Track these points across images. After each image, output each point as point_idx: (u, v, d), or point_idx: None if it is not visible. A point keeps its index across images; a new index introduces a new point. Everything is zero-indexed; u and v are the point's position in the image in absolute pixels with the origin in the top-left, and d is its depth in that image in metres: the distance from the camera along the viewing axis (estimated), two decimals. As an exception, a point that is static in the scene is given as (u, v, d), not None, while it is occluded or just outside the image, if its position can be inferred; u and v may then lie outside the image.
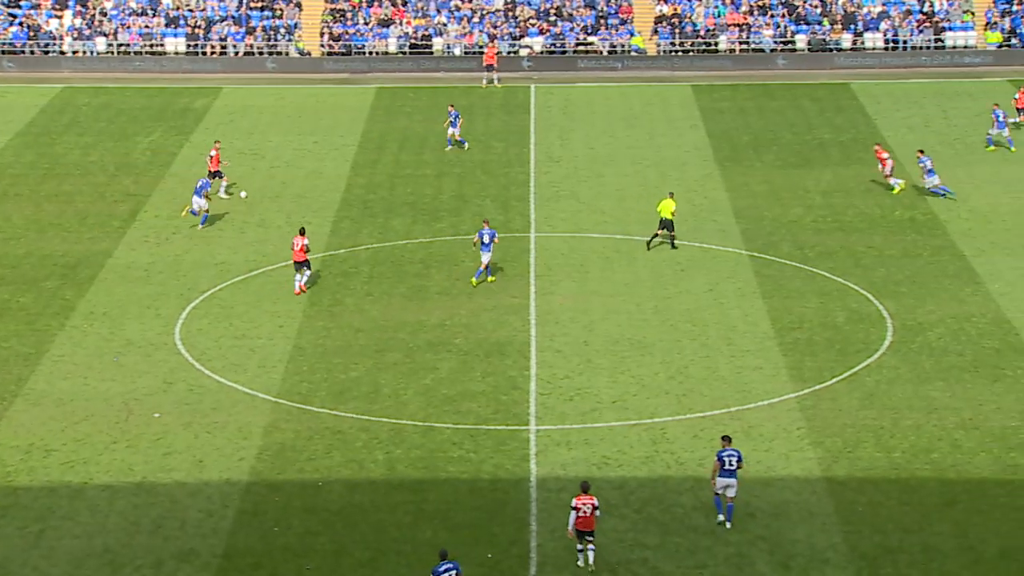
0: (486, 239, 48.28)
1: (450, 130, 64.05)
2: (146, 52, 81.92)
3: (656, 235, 51.48)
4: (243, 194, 56.46)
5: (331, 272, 50.21)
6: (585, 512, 32.08)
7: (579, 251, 51.85)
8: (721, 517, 34.16)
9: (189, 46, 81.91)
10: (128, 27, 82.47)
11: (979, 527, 33.86)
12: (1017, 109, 68.79)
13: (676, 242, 51.36)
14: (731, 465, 33.92)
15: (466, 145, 63.81)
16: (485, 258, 48.36)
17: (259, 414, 39.86)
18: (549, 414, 39.61)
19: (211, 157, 57.69)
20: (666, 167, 61.63)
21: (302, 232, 48.27)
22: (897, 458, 37.06)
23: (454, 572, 29.62)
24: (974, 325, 44.81)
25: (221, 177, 57.50)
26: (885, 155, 57.60)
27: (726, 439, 34.56)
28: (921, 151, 57.52)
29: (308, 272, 48.13)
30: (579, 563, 32.31)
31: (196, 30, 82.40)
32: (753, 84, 75.98)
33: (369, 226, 54.79)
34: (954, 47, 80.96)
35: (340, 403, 40.42)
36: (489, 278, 48.65)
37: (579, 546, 32.44)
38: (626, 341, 44.21)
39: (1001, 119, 62.75)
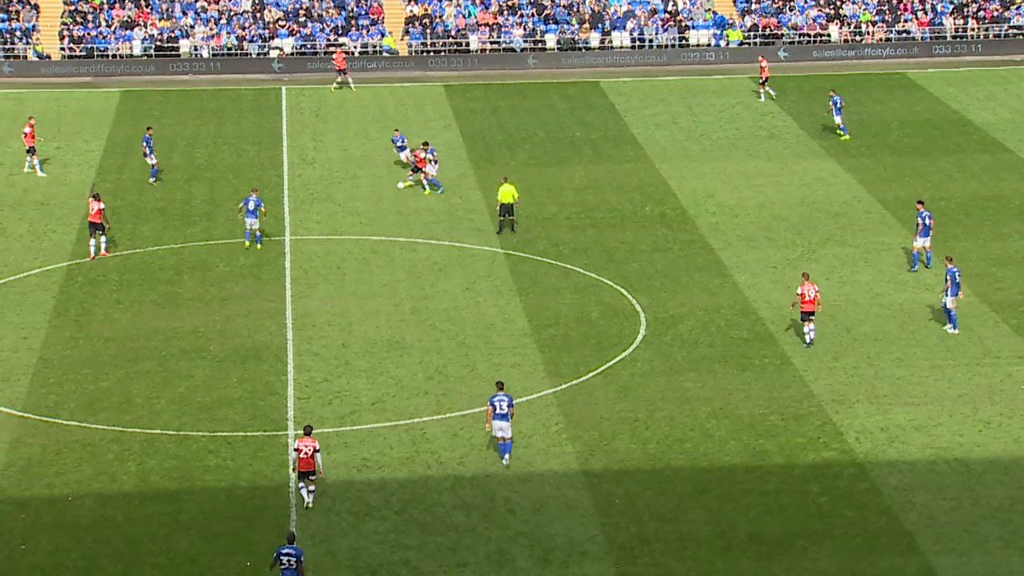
0: (251, 206, 51.02)
1: (402, 154, 59.96)
2: None
3: (501, 220, 53.20)
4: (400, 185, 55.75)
5: (78, 281, 49.00)
6: (307, 453, 34.47)
7: (335, 253, 51.68)
8: (506, 460, 36.75)
9: (-80, 50, 78.99)
10: None
11: (730, 513, 34.88)
12: (760, 80, 71.49)
13: (515, 226, 53.30)
14: (502, 409, 36.53)
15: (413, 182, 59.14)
16: (251, 223, 51.22)
17: (3, 429, 38.66)
18: (307, 418, 39.34)
19: (26, 133, 59.28)
20: (420, 167, 61.80)
21: (97, 197, 50.86)
22: (652, 449, 37.91)
23: (294, 558, 30.27)
24: (723, 316, 46.11)
25: (34, 153, 59.23)
26: (423, 155, 57.76)
27: (499, 385, 37.25)
28: (425, 143, 58.67)
29: (104, 237, 50.31)
30: (306, 504, 34.75)
31: (-72, 32, 79.47)
32: (505, 84, 76.80)
33: (118, 232, 53.59)
34: (698, 45, 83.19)
35: (90, 415, 39.49)
36: (257, 245, 51.25)
37: (301, 485, 34.76)
38: (384, 342, 44.24)
39: (839, 105, 65.02)
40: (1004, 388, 41.00)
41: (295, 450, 34.68)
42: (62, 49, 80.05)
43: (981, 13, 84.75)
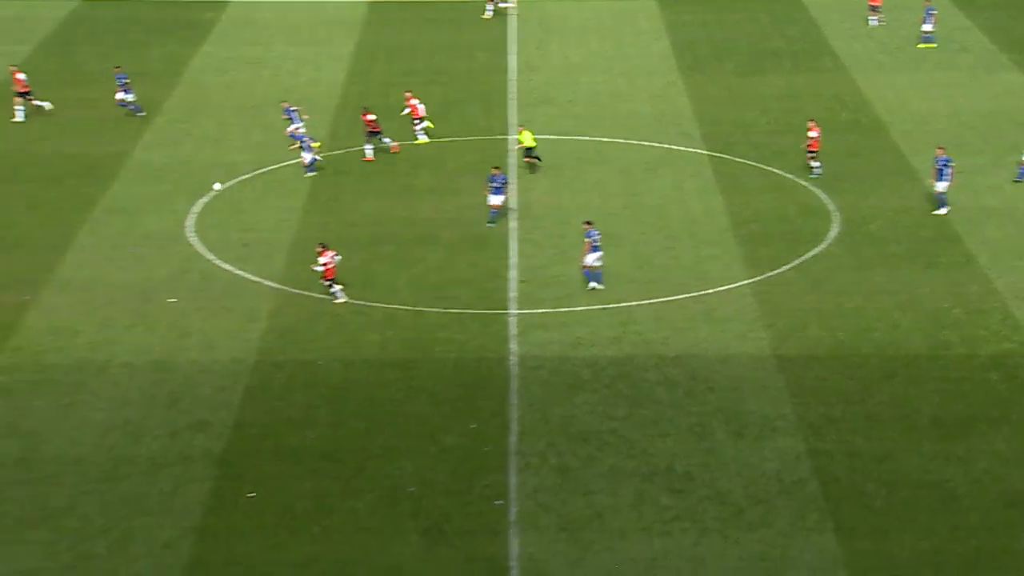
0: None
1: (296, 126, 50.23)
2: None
3: (528, 161, 49.01)
4: (216, 186, 47.51)
5: (329, 171, 49.75)
6: (334, 264, 38.49)
7: (555, 152, 51.42)
8: (593, 285, 39.27)
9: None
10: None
11: (914, 397, 34.00)
12: (871, 6, 68.27)
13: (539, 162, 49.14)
14: (597, 242, 39.41)
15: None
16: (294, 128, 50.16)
17: (264, 300, 39.65)
18: (527, 300, 39.48)
19: (22, 79, 54.53)
20: (634, 75, 61.00)
21: (367, 110, 50.85)
22: (841, 337, 37.08)
23: (503, 182, 35.00)
24: (912, 217, 44.68)
25: (29, 98, 54.29)
26: (415, 101, 52.80)
27: (589, 223, 39.76)
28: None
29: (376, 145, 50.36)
30: (344, 301, 38.52)
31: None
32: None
33: (360, 131, 54.12)
34: (896, -36, 79.75)
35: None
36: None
37: (334, 289, 38.63)
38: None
39: (930, 14, 63.39)
40: None
41: (323, 265, 38.11)
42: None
43: None
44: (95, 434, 32.77)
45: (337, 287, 38.96)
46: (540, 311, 38.82)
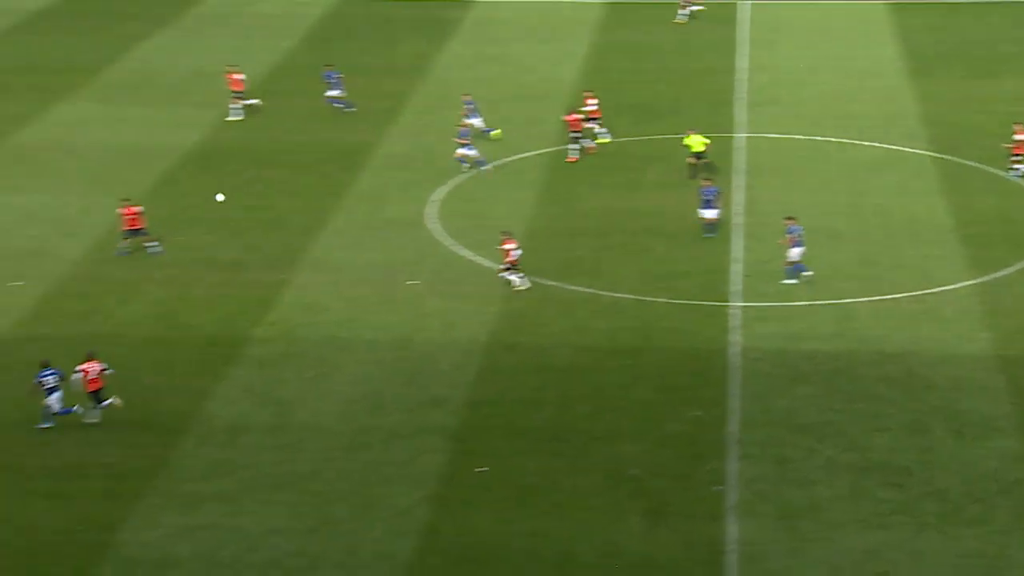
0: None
1: (474, 120, 50.43)
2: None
3: (693, 166, 47.20)
4: (219, 197, 45.67)
5: (562, 164, 50.05)
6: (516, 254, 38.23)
7: (781, 150, 50.64)
8: (791, 280, 38.48)
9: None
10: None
11: None
12: None
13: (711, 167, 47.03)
14: (800, 238, 38.45)
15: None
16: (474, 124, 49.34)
17: (498, 285, 40.14)
18: (750, 293, 39.04)
19: (238, 80, 54.86)
20: (862, 77, 59.58)
21: (572, 111, 50.40)
22: (1066, 342, 35.60)
23: (713, 194, 34.43)
24: None
25: (242, 97, 54.74)
26: (594, 102, 51.14)
27: (791, 218, 39.25)
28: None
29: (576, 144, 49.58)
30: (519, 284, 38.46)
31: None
32: (945, 3, 72.60)
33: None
34: None
35: (567, 277, 40.46)
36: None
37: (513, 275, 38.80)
38: (821, 230, 43.11)
39: None
40: None
41: (508, 251, 37.97)
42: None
43: None
44: (339, 405, 33.76)
45: (517, 275, 38.99)
46: (762, 304, 38.34)
